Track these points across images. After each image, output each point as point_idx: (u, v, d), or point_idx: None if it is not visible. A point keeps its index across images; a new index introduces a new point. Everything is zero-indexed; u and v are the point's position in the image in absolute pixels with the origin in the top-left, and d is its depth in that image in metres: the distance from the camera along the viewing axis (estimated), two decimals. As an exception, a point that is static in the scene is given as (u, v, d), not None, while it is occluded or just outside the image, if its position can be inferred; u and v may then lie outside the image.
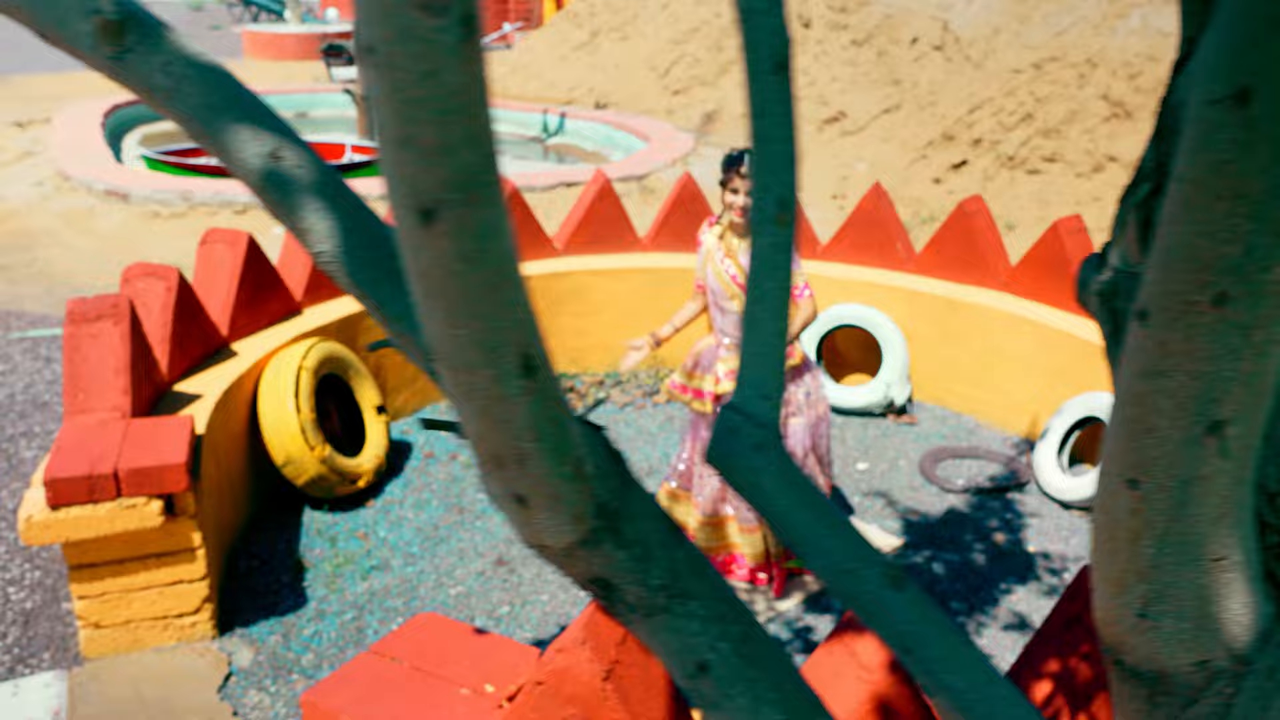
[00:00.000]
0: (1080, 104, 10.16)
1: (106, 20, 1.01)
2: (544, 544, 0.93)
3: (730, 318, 4.29)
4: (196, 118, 1.07)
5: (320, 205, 1.06)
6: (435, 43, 0.60)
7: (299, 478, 4.82)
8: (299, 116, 17.82)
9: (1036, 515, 5.11)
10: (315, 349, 5.05)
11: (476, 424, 0.81)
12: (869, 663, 2.29)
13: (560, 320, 6.39)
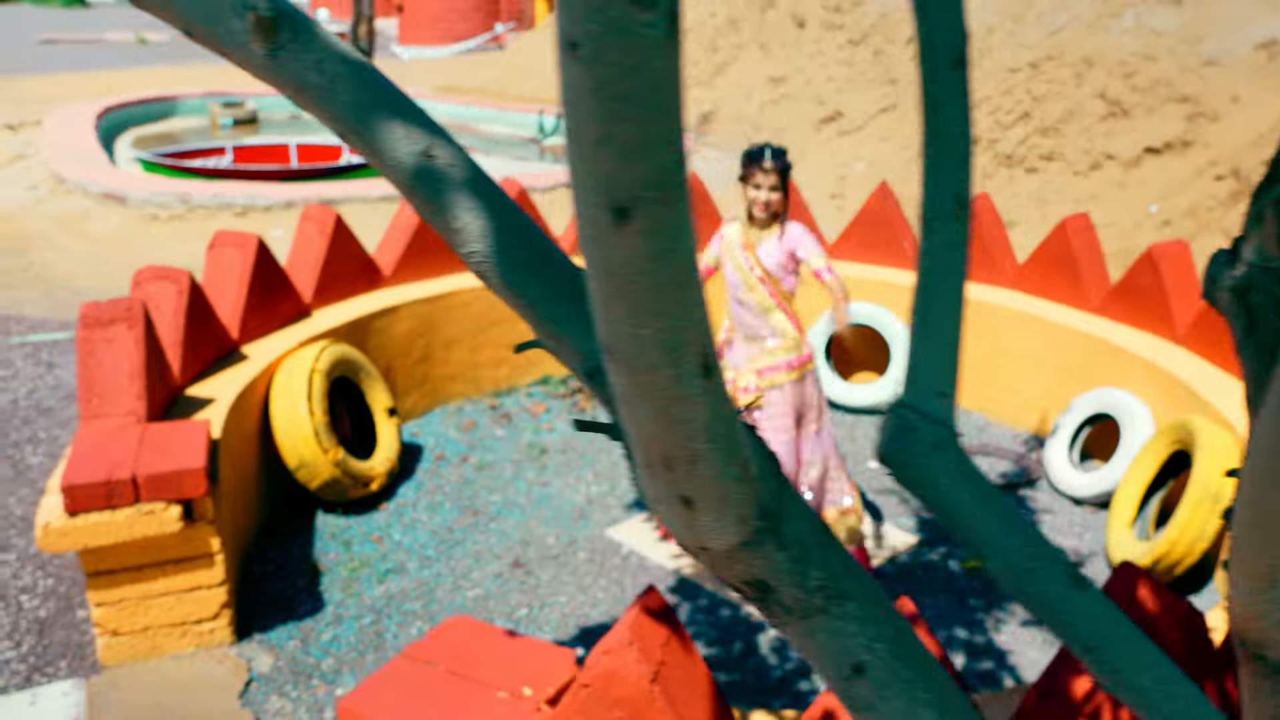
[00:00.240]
0: (1077, 103, 10.19)
1: (260, 17, 0.99)
2: (705, 546, 0.92)
3: (747, 311, 4.30)
4: (348, 116, 1.05)
5: (473, 205, 1.04)
6: (644, 37, 0.59)
7: (312, 481, 4.80)
8: (292, 118, 17.78)
9: (1049, 512, 5.11)
10: (327, 351, 5.03)
11: (650, 425, 0.80)
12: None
13: (568, 321, 6.38)
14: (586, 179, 0.65)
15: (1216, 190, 8.52)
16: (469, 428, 5.91)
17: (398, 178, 1.08)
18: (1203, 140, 9.38)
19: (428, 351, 5.91)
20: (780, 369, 4.32)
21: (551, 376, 6.48)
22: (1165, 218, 8.73)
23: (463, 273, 6.15)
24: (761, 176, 4.14)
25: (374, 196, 9.98)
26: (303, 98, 1.06)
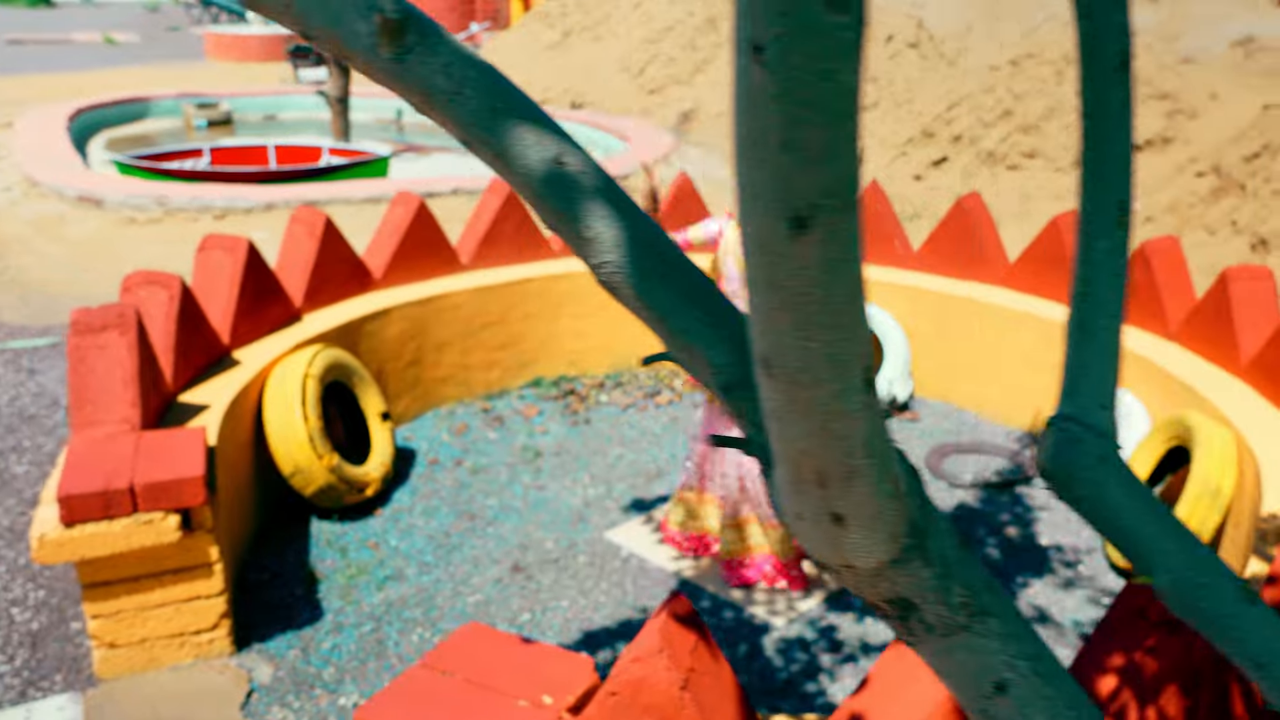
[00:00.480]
0: (1058, 100, 10.25)
1: (388, 19, 0.96)
2: (850, 564, 0.89)
3: (739, 303, 4.27)
4: (477, 122, 1.02)
5: (606, 213, 1.01)
6: (837, 40, 0.56)
7: (307, 487, 4.74)
8: (268, 119, 17.63)
9: (1046, 509, 5.12)
10: (320, 356, 4.97)
11: (806, 441, 0.77)
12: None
13: (559, 323, 6.34)
14: (761, 188, 0.62)
15: (1197, 187, 8.59)
16: (461, 431, 5.86)
17: (527, 185, 1.04)
18: (1182, 137, 9.45)
19: (419, 354, 5.85)
20: None
21: (543, 379, 6.44)
22: (1147, 214, 8.79)
23: (453, 275, 6.10)
24: None
25: (358, 198, 9.90)
26: (429, 103, 1.03)
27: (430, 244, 5.99)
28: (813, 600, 4.37)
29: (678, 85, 15.27)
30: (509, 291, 6.12)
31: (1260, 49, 10.16)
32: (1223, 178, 8.34)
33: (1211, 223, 7.99)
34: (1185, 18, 11.31)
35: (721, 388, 1.01)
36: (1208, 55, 10.53)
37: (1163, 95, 9.80)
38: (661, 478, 5.39)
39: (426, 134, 16.45)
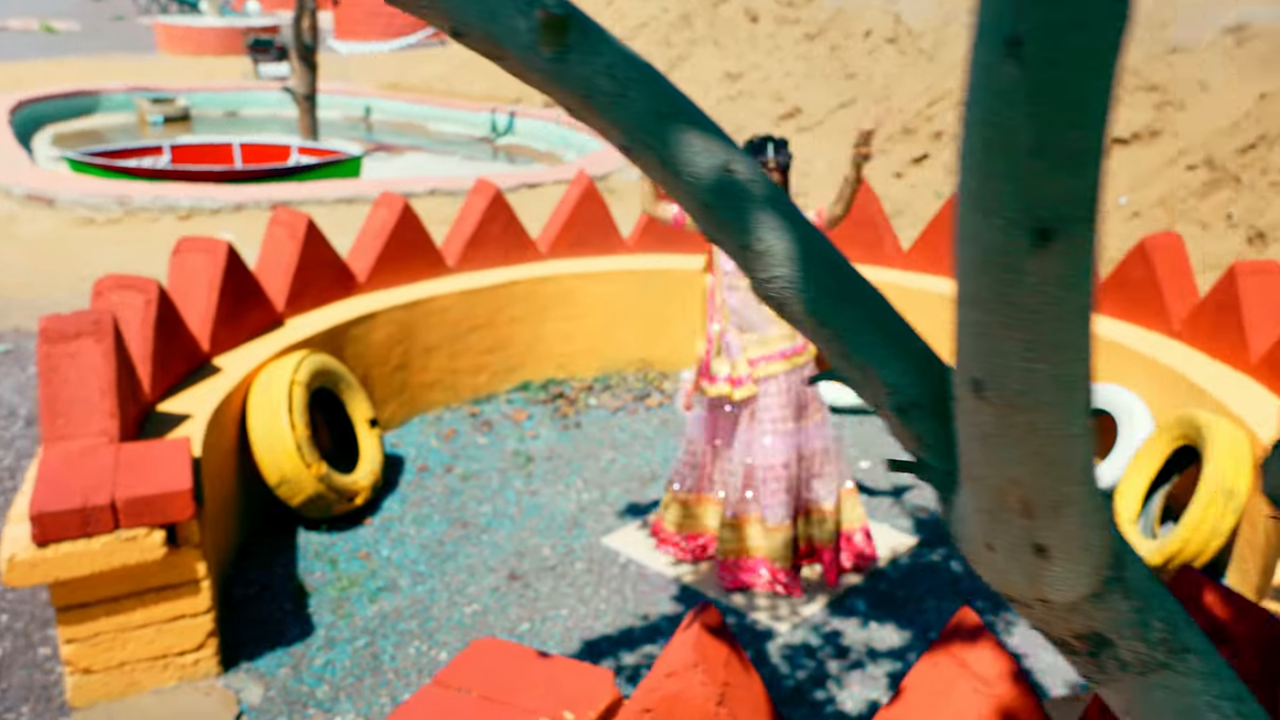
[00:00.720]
0: (1039, 94, 10.22)
1: (551, 14, 0.86)
2: (1046, 598, 0.80)
3: (740, 298, 4.17)
4: (642, 126, 0.92)
5: (777, 225, 0.91)
6: (1106, 35, 0.47)
7: (294, 498, 4.58)
8: (229, 115, 17.32)
9: (1048, 509, 5.05)
10: (306, 362, 4.81)
11: (1018, 468, 0.68)
12: (985, 674, 2.16)
13: (547, 325, 6.21)
14: (1000, 198, 0.53)
15: (1188, 180, 8.57)
16: (450, 437, 5.71)
17: (694, 194, 0.96)
18: (1172, 129, 9.44)
19: (405, 359, 5.70)
20: (775, 358, 4.19)
21: (531, 382, 6.30)
22: (1135, 209, 8.76)
23: (439, 278, 5.95)
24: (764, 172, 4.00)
25: (330, 199, 9.70)
26: (588, 106, 0.93)
27: (415, 246, 5.83)
28: (815, 605, 4.27)
29: (652, 83, 15.16)
30: (496, 294, 5.98)
31: (1253, 36, 10.16)
32: (1216, 170, 8.32)
33: (1205, 216, 7.97)
34: (1175, 5, 11.29)
35: (896, 409, 0.90)
36: (1198, 44, 10.52)
37: (1151, 87, 9.78)
38: (655, 481, 5.27)
39: (396, 133, 16.24)
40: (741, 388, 4.20)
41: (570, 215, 6.29)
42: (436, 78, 17.32)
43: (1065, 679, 3.85)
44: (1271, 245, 7.34)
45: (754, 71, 13.75)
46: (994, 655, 2.17)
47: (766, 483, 4.20)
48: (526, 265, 6.23)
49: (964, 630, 2.26)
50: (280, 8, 32.23)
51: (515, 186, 10.12)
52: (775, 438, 4.20)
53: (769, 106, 12.96)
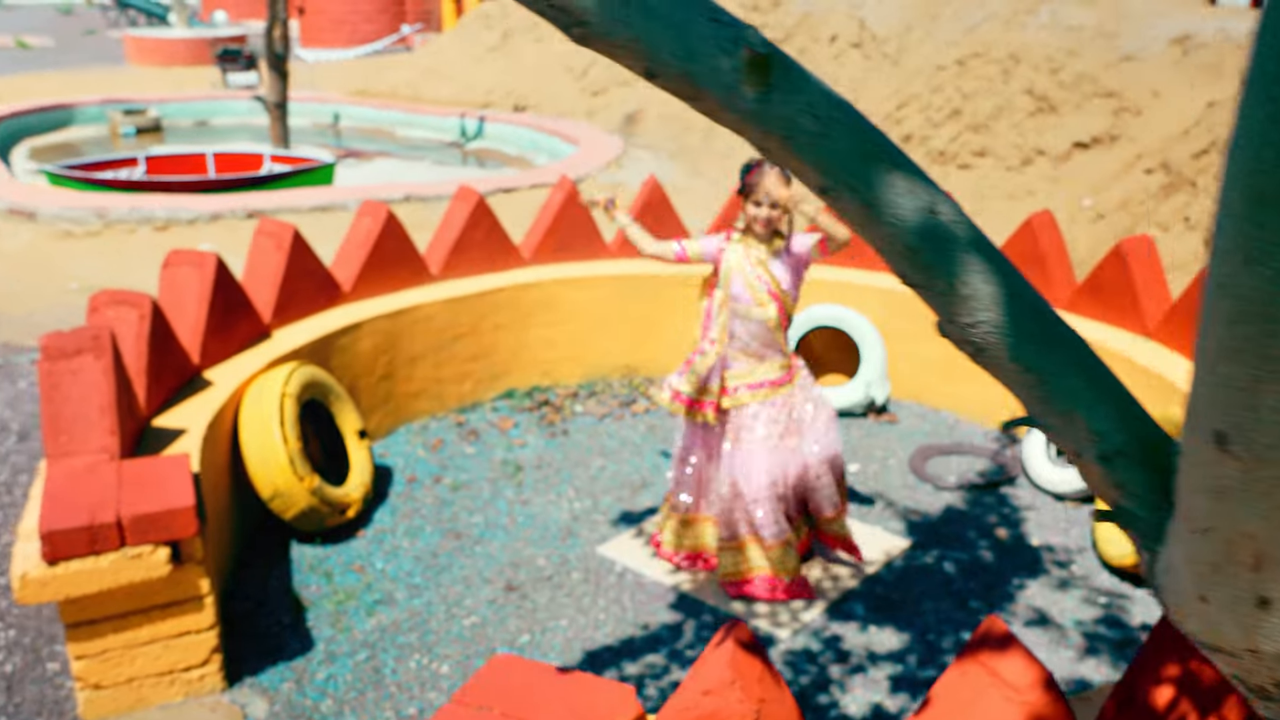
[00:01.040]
0: (1006, 99, 10.37)
1: (755, 54, 0.85)
2: (1257, 649, 0.81)
3: (751, 326, 4.19)
4: (845, 167, 0.91)
5: (982, 268, 0.92)
6: None
7: (287, 511, 4.58)
8: (199, 125, 17.18)
9: (1032, 508, 5.15)
10: (296, 374, 4.80)
11: (1258, 522, 0.69)
12: (1016, 681, 2.22)
13: (530, 332, 6.23)
14: (1273, 247, 0.54)
15: (1148, 183, 8.73)
16: (437, 446, 5.72)
17: (896, 236, 0.95)
18: (1129, 134, 9.62)
19: (391, 369, 5.70)
20: (764, 386, 4.25)
21: (516, 390, 6.32)
22: (1099, 211, 8.92)
23: (423, 286, 5.96)
24: (764, 194, 4.04)
25: (306, 207, 9.65)
26: (787, 147, 0.93)
27: (400, 255, 5.84)
28: (815, 611, 4.33)
29: (621, 87, 15.19)
30: (480, 302, 5.99)
31: (1198, 46, 10.38)
32: (1172, 174, 8.49)
33: (1164, 219, 8.13)
34: (1122, 16, 11.51)
35: (1100, 456, 0.93)
36: (1147, 53, 10.73)
37: (1108, 93, 9.96)
38: (646, 489, 5.31)
39: (365, 139, 16.17)
40: (702, 412, 4.26)
41: (553, 221, 6.32)
42: (404, 83, 17.25)
43: (1061, 677, 3.93)
44: (1237, 246, 7.50)
45: (723, 76, 13.84)
46: (1025, 663, 2.23)
47: (757, 503, 4.25)
48: (510, 272, 6.25)
49: (992, 638, 2.31)
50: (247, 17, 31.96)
51: (491, 191, 10.12)
52: (757, 459, 4.23)
53: (739, 111, 13.06)
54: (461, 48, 17.63)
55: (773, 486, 4.26)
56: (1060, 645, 4.13)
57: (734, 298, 4.21)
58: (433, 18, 28.80)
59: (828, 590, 4.47)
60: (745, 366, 4.26)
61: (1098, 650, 4.10)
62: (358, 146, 15.54)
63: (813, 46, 13.10)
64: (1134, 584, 4.51)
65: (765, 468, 4.24)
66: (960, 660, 2.35)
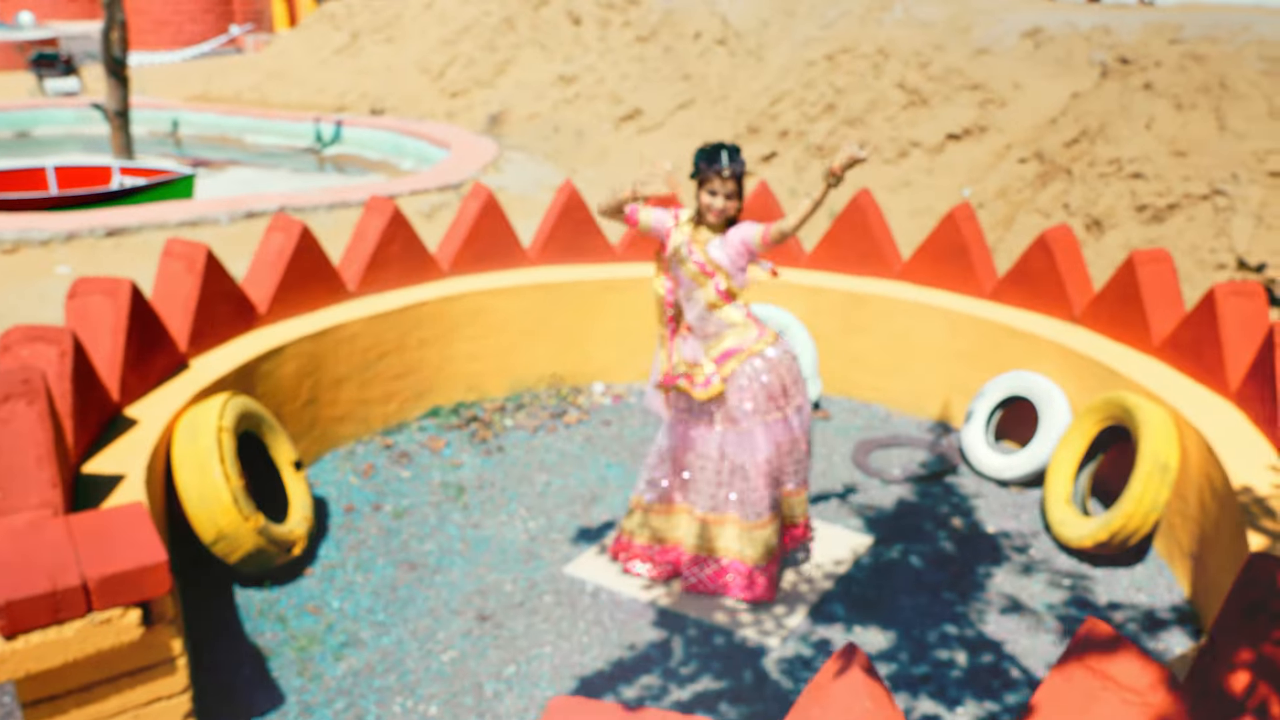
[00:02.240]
0: (879, 93, 10.64)
1: None
2: None
3: (695, 308, 4.16)
4: None
5: None
6: None
7: (233, 554, 4.25)
8: (19, 137, 15.98)
9: (979, 496, 5.26)
10: (230, 405, 4.46)
11: None
12: (1133, 683, 2.20)
13: (456, 346, 5.99)
14: None
15: (1023, 172, 9.10)
16: (369, 472, 5.43)
17: None
18: (996, 125, 10.01)
19: (315, 393, 5.38)
20: (735, 353, 4.18)
21: (441, 407, 6.07)
22: (979, 200, 9.24)
23: (341, 303, 5.65)
24: (719, 183, 3.98)
25: (172, 223, 9.06)
26: None
27: (316, 272, 5.52)
28: (798, 615, 4.29)
29: (481, 87, 14.90)
30: (403, 317, 5.72)
31: (1048, 39, 10.89)
32: (1046, 163, 8.87)
33: (1044, 206, 8.48)
34: (974, 11, 11.98)
35: None
36: (1001, 46, 11.19)
37: (974, 85, 10.34)
38: (598, 503, 5.18)
39: (210, 147, 15.35)
40: (709, 387, 4.17)
41: (471, 230, 6.10)
42: (248, 88, 16.47)
43: (1046, 661, 4.01)
44: (1108, 232, 7.90)
45: (588, 74, 13.72)
46: (1141, 664, 2.21)
47: (750, 479, 4.19)
48: (431, 284, 6.00)
49: (1096, 640, 2.29)
50: (53, 18, 29.90)
51: (411, 191, 9.73)
52: (751, 434, 4.18)
53: (608, 109, 12.97)
54: (307, 49, 16.96)
55: (768, 462, 4.20)
56: (1039, 630, 4.22)
57: (680, 283, 4.17)
58: (264, 18, 27.64)
59: (806, 594, 4.45)
60: (709, 344, 4.21)
61: (1074, 632, 4.20)
62: (203, 155, 14.74)
63: (678, 44, 13.16)
64: (1092, 564, 4.65)
65: (759, 443, 4.18)
66: (1064, 665, 2.32)
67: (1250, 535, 3.57)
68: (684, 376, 4.22)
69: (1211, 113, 7.88)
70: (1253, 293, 4.62)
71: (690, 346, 4.27)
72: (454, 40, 15.46)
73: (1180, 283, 5.49)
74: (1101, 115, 8.56)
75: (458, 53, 15.31)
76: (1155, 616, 4.30)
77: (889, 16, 12.43)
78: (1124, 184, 7.94)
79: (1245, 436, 4.26)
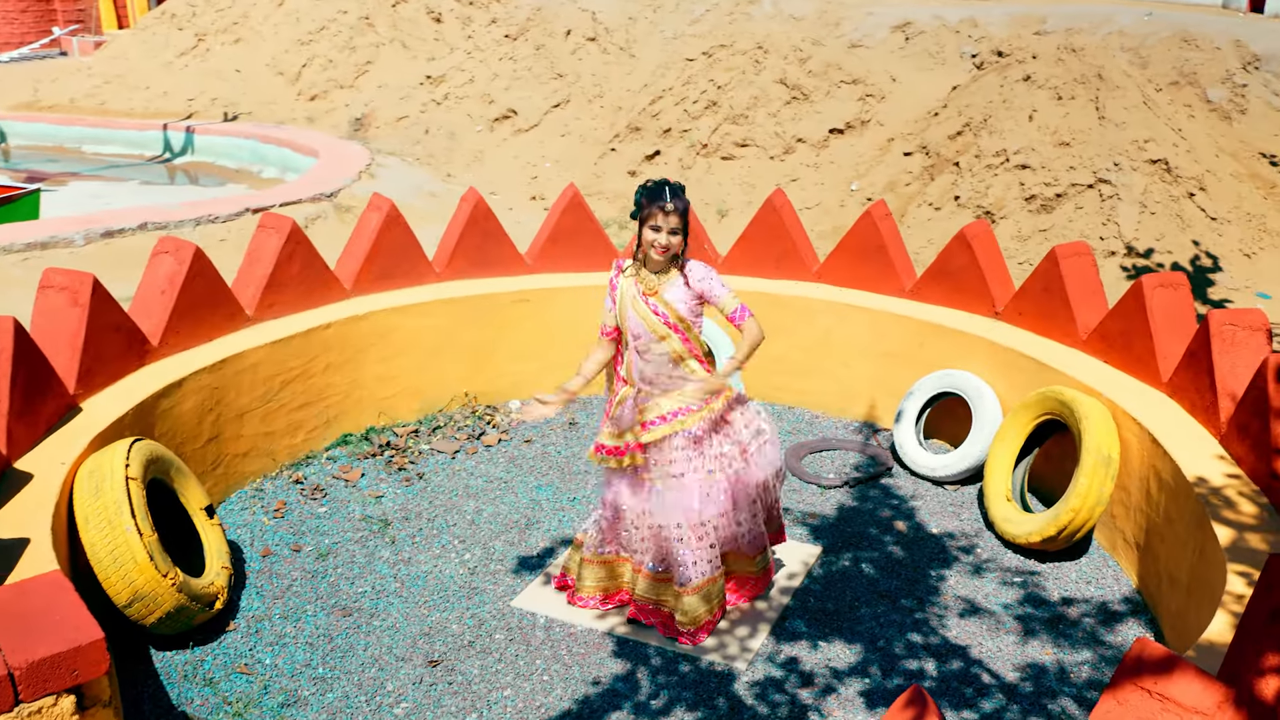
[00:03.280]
0: (760, 89, 10.64)
1: None
2: None
3: (657, 361, 3.94)
4: None
5: None
6: None
7: (151, 615, 3.85)
8: None
9: (917, 497, 5.25)
10: (136, 452, 4.05)
11: None
12: (1196, 703, 2.13)
13: (363, 369, 5.65)
14: None
15: (909, 165, 9.23)
16: (281, 510, 5.06)
17: None
18: (877, 119, 10.13)
19: (218, 428, 4.98)
20: (679, 415, 4.00)
21: (351, 435, 5.71)
22: (868, 195, 9.33)
23: (242, 329, 5.25)
24: (662, 218, 3.79)
25: (19, 245, 8.32)
26: None
27: (211, 297, 5.10)
28: (761, 635, 4.17)
29: (341, 89, 14.33)
30: (308, 341, 5.35)
31: (918, 32, 11.11)
32: (932, 156, 9.01)
33: (934, 199, 8.61)
34: (842, 5, 12.12)
35: None
36: (873, 40, 11.36)
37: (854, 80, 10.44)
38: (534, 527, 4.95)
39: (45, 159, 14.29)
40: (625, 457, 4.00)
41: (374, 245, 5.76)
42: (84, 94, 15.41)
43: (1013, 663, 3.99)
44: (999, 223, 8.08)
45: (456, 74, 13.34)
46: (1202, 683, 2.15)
47: (683, 541, 4.01)
48: (335, 305, 5.64)
49: (1149, 661, 2.22)
50: None
51: (238, 213, 9.18)
52: (681, 495, 4.01)
53: (481, 109, 12.63)
54: (147, 51, 15.97)
55: (701, 526, 4.02)
56: (1000, 631, 4.20)
57: (634, 335, 3.94)
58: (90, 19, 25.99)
59: (765, 611, 4.32)
60: (657, 401, 4.01)
61: (1035, 631, 4.20)
62: (37, 168, 13.70)
63: (549, 42, 12.91)
64: (1039, 560, 4.68)
65: (681, 506, 4.00)
66: (1117, 688, 2.25)
67: (1216, 527, 3.61)
68: (604, 448, 4.04)
69: (1090, 103, 8.13)
70: (1178, 284, 4.72)
71: (624, 415, 4.03)
72: (310, 40, 14.81)
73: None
74: (984, 108, 8.75)
75: (315, 53, 14.68)
76: (1109, 609, 4.34)
77: (758, 11, 12.46)
78: (1011, 175, 8.12)
79: (1185, 427, 4.34)
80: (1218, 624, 3.11)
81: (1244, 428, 3.96)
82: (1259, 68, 8.98)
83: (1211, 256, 7.34)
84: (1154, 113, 8.04)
